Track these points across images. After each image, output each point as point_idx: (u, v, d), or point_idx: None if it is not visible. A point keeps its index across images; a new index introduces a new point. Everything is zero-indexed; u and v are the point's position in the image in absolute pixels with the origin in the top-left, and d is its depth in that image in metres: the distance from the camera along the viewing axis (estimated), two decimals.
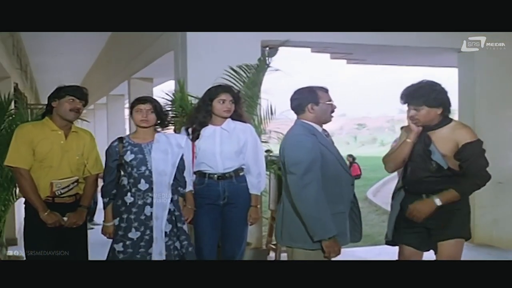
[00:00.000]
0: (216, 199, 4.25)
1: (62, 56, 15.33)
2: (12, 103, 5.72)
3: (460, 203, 3.64)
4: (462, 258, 6.48)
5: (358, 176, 18.38)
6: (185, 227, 4.07)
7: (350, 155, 19.91)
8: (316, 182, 3.31)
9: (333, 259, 3.46)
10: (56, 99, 4.00)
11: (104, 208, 4.02)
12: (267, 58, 5.89)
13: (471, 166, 3.57)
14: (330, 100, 3.57)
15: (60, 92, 4.02)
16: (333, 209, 3.38)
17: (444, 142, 3.60)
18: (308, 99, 3.51)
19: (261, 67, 5.84)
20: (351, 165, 19.43)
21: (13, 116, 5.22)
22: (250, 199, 4.40)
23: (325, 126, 3.63)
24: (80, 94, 4.03)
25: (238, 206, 4.30)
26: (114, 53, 13.49)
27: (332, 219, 3.33)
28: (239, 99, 4.39)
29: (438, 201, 3.57)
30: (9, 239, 4.23)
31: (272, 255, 6.39)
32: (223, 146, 4.25)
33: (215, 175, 4.24)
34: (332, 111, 3.59)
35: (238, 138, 4.28)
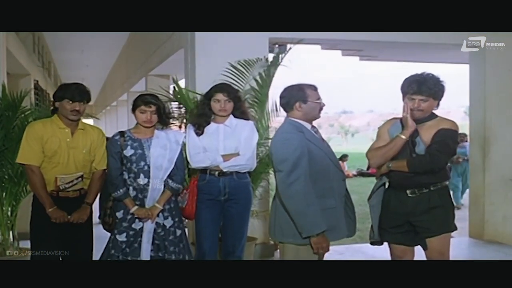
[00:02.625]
0: (217, 195, 4.32)
1: (84, 53, 15.58)
2: (29, 100, 5.84)
3: (442, 201, 3.66)
4: (472, 255, 6.55)
5: None
6: (166, 222, 4.16)
7: None
8: (303, 178, 3.34)
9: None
10: (57, 100, 4.10)
11: (122, 199, 4.09)
12: (280, 55, 5.95)
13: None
14: (319, 99, 3.58)
15: (59, 93, 4.10)
16: (323, 204, 3.41)
17: (429, 132, 3.60)
18: (296, 98, 3.54)
19: (273, 64, 5.91)
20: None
21: (25, 113, 5.34)
22: (251, 196, 4.47)
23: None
24: (78, 96, 4.05)
25: (238, 202, 4.36)
26: (134, 51, 13.67)
27: (321, 214, 3.36)
28: (237, 97, 4.42)
29: (390, 165, 3.64)
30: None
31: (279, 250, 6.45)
32: (226, 143, 4.31)
33: (216, 172, 4.30)
34: (321, 109, 3.61)
35: (239, 135, 4.34)
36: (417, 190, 3.64)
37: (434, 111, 3.71)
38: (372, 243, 3.93)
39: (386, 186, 3.81)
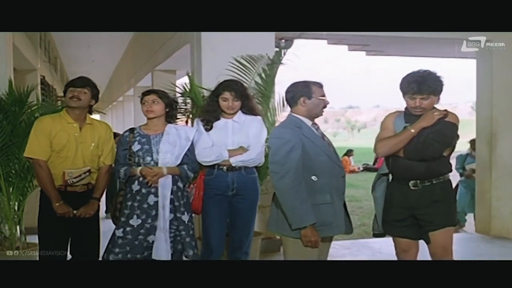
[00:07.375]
0: (225, 190, 4.31)
1: (90, 49, 15.58)
2: (36, 95, 5.87)
3: (444, 194, 3.69)
4: (479, 250, 6.55)
5: None
6: (184, 217, 4.14)
7: None
8: (293, 172, 3.40)
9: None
10: (64, 94, 4.19)
11: (128, 173, 4.12)
12: (283, 50, 5.93)
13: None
14: (323, 96, 3.64)
15: (65, 87, 4.21)
16: (316, 199, 3.46)
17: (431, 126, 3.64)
18: (301, 93, 3.60)
19: (276, 59, 5.90)
20: (378, 157, 19.44)
21: (32, 109, 5.37)
22: (258, 191, 4.47)
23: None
24: (78, 83, 4.15)
25: (246, 198, 4.36)
26: (140, 46, 13.68)
27: (311, 209, 3.41)
28: (245, 95, 4.41)
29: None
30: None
31: None
32: (234, 138, 4.32)
33: (224, 167, 4.30)
34: (324, 106, 3.67)
35: (247, 131, 4.35)
36: (419, 183, 3.67)
37: (435, 106, 3.73)
38: (374, 235, 3.96)
39: (390, 178, 3.83)
